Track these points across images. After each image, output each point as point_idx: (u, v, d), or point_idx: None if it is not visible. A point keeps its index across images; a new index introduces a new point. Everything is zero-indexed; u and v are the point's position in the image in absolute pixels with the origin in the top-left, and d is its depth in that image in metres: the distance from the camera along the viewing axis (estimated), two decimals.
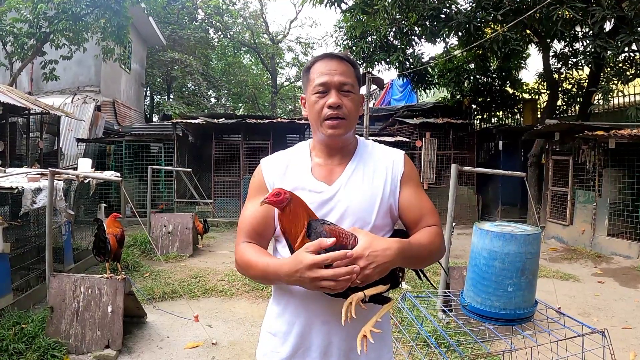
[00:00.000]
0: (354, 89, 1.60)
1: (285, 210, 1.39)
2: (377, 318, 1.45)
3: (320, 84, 1.56)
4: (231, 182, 12.18)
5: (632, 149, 8.10)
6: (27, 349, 3.90)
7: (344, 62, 1.60)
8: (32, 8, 10.32)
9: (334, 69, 1.57)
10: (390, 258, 1.35)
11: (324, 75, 1.56)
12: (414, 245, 1.48)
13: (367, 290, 1.38)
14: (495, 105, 14.72)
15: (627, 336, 4.77)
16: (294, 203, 1.39)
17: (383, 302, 1.47)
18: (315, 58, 1.64)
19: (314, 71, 1.60)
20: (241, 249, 1.57)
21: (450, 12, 10.24)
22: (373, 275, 1.33)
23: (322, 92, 1.57)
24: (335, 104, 1.54)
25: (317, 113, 1.58)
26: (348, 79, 1.58)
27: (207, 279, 6.63)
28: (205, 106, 25.41)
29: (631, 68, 9.93)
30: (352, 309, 1.33)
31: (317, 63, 1.61)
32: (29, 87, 14.41)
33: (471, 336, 2.69)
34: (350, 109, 1.58)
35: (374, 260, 1.31)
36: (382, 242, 1.37)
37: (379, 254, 1.33)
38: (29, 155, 10.32)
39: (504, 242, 2.43)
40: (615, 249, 8.27)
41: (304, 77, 1.66)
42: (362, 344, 1.40)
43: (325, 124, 1.56)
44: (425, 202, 1.65)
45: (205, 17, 26.36)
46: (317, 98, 1.57)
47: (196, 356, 4.27)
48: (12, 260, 5.02)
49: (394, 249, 1.36)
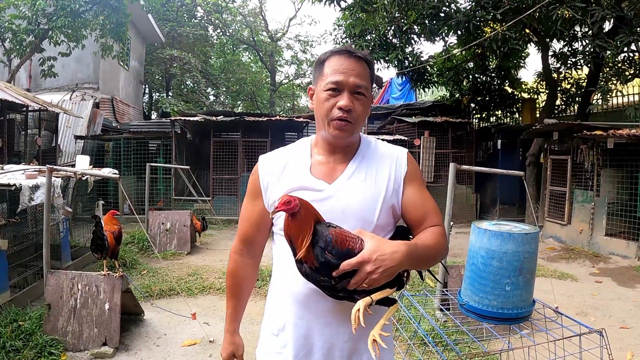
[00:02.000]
0: (367, 92, 1.54)
1: (296, 217, 1.34)
2: (385, 321, 1.42)
3: (334, 82, 1.50)
4: (229, 179, 12.17)
5: (630, 148, 8.11)
6: (25, 346, 3.89)
7: (361, 62, 1.54)
8: (31, 5, 10.31)
9: (351, 68, 1.51)
10: (398, 261, 1.32)
11: (340, 74, 1.50)
12: (420, 247, 1.45)
13: (374, 294, 1.35)
14: (494, 104, 14.73)
15: (624, 336, 4.77)
16: (303, 209, 1.34)
17: (389, 304, 1.45)
18: (332, 51, 1.57)
19: (329, 65, 1.54)
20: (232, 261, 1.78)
21: (449, 11, 10.23)
22: (381, 279, 1.30)
23: (334, 90, 1.51)
24: (347, 107, 1.49)
25: (326, 111, 1.52)
26: (363, 82, 1.52)
27: (204, 276, 6.63)
28: (204, 104, 25.43)
29: (630, 68, 9.94)
30: (360, 315, 1.30)
31: (333, 57, 1.55)
32: (27, 84, 14.39)
33: (469, 335, 2.69)
34: (359, 113, 1.53)
35: (381, 264, 1.29)
36: (390, 246, 1.34)
37: (386, 257, 1.30)
38: (27, 152, 10.30)
39: (502, 241, 2.43)
40: (613, 248, 8.28)
41: (317, 69, 1.60)
42: (374, 348, 1.36)
43: (333, 124, 1.52)
44: (429, 202, 1.62)
45: (205, 15, 26.32)
46: (328, 96, 1.52)
47: (193, 354, 4.27)
48: (9, 258, 5.01)
49: (401, 252, 1.33)
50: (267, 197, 1.62)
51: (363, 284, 1.30)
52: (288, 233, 1.36)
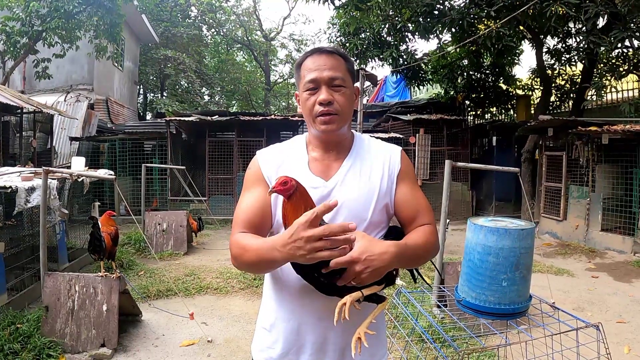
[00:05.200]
0: (346, 83, 1.56)
1: (292, 199, 1.36)
2: (372, 319, 1.44)
3: (310, 80, 1.54)
4: (225, 179, 12.15)
5: (625, 144, 8.15)
6: (23, 348, 3.88)
7: (333, 55, 1.57)
8: (25, 6, 10.27)
9: (323, 64, 1.54)
10: (387, 262, 1.33)
11: (313, 72, 1.54)
12: (410, 246, 1.46)
13: (365, 289, 1.37)
14: (489, 101, 14.77)
15: (621, 330, 4.80)
16: (299, 191, 1.37)
17: (377, 301, 1.46)
18: (305, 54, 1.62)
19: (304, 68, 1.58)
20: (236, 237, 1.50)
21: (443, 9, 10.24)
22: (369, 278, 1.32)
23: (312, 88, 1.54)
24: (326, 100, 1.51)
25: (310, 110, 1.56)
26: (338, 73, 1.54)
27: (202, 276, 6.63)
28: (199, 104, 25.38)
29: (624, 64, 9.97)
30: (346, 309, 1.31)
31: (307, 59, 1.58)
32: (21, 86, 14.34)
33: (466, 331, 2.70)
34: (342, 104, 1.55)
35: (370, 264, 1.30)
36: (379, 246, 1.35)
37: (375, 258, 1.31)
38: (22, 154, 10.26)
39: (498, 237, 2.44)
40: (609, 243, 8.31)
41: (296, 74, 1.64)
42: (356, 347, 1.38)
43: (318, 120, 1.54)
44: (421, 200, 1.64)
45: (198, 15, 26.26)
46: (308, 95, 1.55)
47: (192, 354, 4.27)
48: (6, 260, 5.00)
49: (390, 254, 1.34)
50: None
51: (352, 282, 1.31)
52: (285, 216, 1.37)
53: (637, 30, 8.46)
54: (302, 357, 1.57)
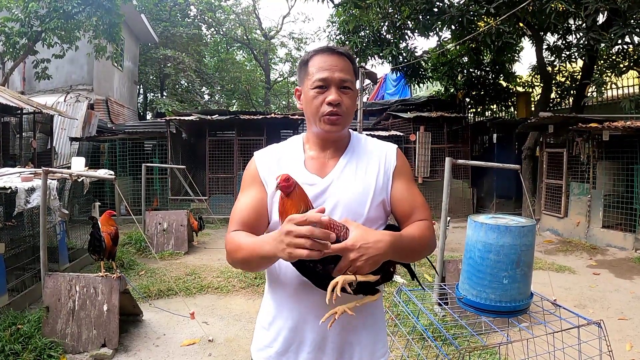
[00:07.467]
0: (352, 86, 1.59)
1: (291, 196, 1.38)
2: (357, 303, 1.43)
3: (321, 79, 1.54)
4: (225, 178, 12.15)
5: (625, 140, 8.14)
6: (24, 349, 3.88)
7: (344, 57, 1.58)
8: (24, 7, 10.24)
9: (335, 64, 1.56)
10: (382, 250, 1.34)
11: (325, 71, 1.54)
12: (405, 238, 1.47)
13: (358, 275, 1.36)
14: (489, 98, 14.74)
15: (623, 327, 4.79)
16: (298, 190, 1.40)
17: (373, 294, 1.47)
18: (315, 51, 1.62)
19: (313, 64, 1.58)
20: (231, 235, 1.54)
21: (443, 6, 10.23)
22: (364, 267, 1.32)
23: (321, 87, 1.55)
24: (336, 101, 1.53)
25: (316, 108, 1.57)
26: (348, 76, 1.57)
27: (202, 276, 6.62)
28: (199, 103, 25.34)
29: (624, 60, 9.97)
30: (337, 288, 1.31)
31: (316, 56, 1.59)
32: (21, 87, 14.34)
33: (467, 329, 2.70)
34: (348, 106, 1.58)
35: (365, 252, 1.31)
36: (374, 235, 1.36)
37: (370, 246, 1.32)
38: (22, 155, 10.26)
39: (499, 234, 2.44)
40: (610, 240, 8.30)
41: (301, 70, 1.64)
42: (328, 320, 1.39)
43: (324, 119, 1.56)
44: (417, 197, 1.65)
45: (198, 14, 26.22)
46: (316, 93, 1.56)
47: (193, 353, 4.27)
48: (7, 261, 4.99)
49: (385, 242, 1.35)
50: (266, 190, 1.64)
51: (347, 272, 1.32)
52: (283, 211, 1.39)
53: (637, 26, 8.45)
54: (301, 355, 1.57)
